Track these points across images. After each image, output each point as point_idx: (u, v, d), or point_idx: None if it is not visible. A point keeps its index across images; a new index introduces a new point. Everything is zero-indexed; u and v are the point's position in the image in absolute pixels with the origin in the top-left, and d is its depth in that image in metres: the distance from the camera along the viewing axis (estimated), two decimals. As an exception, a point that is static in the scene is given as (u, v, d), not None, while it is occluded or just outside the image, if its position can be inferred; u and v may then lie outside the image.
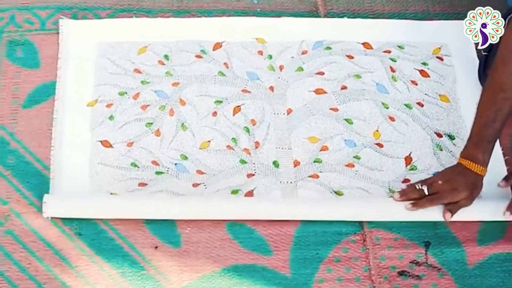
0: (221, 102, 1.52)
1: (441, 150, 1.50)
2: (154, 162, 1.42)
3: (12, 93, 1.48)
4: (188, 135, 1.46)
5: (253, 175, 1.43)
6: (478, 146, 1.32)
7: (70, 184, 1.37)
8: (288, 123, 1.51)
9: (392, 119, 1.53)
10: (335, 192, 1.41)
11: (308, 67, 1.60)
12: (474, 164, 1.31)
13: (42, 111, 1.46)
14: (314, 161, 1.45)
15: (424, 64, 1.63)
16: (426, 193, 1.32)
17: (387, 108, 1.55)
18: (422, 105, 1.56)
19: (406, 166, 1.47)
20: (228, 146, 1.46)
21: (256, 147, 1.46)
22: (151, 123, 1.47)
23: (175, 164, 1.42)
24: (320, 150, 1.47)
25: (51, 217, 1.31)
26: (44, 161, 1.39)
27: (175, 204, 1.34)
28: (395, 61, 1.62)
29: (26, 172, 1.37)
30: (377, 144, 1.49)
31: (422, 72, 1.62)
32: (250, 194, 1.39)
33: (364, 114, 1.53)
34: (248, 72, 1.57)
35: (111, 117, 1.47)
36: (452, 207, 1.31)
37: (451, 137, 1.52)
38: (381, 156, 1.48)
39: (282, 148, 1.47)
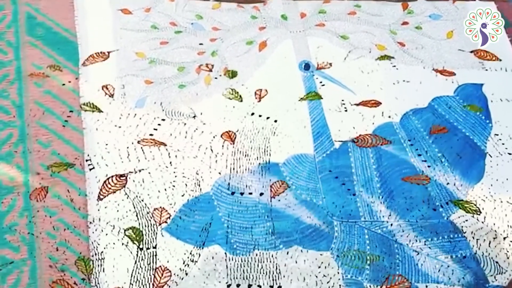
0: (225, -32, 1.63)
1: (434, -5, 1.62)
2: (172, 23, 1.53)
3: (31, -26, 1.57)
4: (200, -2, 1.58)
5: (264, 28, 1.54)
6: None
7: (96, 48, 1.47)
8: (291, -17, 1.62)
9: (385, -28, 1.65)
10: (341, 37, 1.53)
11: None
12: None
13: (61, -13, 1.56)
14: (319, 12, 1.57)
15: None
16: None
17: (379, -37, 1.66)
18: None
19: (404, 10, 1.59)
20: (238, 5, 1.57)
21: (264, 4, 1.58)
22: (164, -10, 1.58)
23: (192, 23, 1.53)
24: (324, 3, 1.59)
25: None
26: (71, 30, 1.49)
27: None
28: None
29: (55, 41, 1.48)
30: (375, -6, 1.61)
31: None
32: (263, 44, 1.51)
33: (359, -30, 1.65)
34: None
35: (126, -12, 1.57)
36: None
37: (442, -15, 1.64)
38: (380, 5, 1.60)
39: (289, 4, 1.58)
